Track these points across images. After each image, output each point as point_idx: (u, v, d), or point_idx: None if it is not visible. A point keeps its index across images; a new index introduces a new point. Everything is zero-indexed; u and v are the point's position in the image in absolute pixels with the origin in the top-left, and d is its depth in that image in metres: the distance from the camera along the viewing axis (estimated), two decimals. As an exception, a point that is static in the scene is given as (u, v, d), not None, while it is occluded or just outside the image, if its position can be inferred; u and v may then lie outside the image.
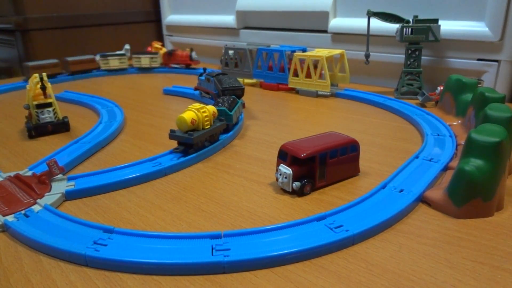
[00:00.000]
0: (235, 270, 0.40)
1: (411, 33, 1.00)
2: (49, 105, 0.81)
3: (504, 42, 0.96)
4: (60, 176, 0.58)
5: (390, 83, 1.17)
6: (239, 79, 0.98)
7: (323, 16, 1.26)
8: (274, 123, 0.87)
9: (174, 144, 0.69)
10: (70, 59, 1.36)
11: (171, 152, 0.67)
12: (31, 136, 0.80)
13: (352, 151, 0.58)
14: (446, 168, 0.60)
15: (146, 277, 0.40)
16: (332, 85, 1.08)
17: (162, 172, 0.62)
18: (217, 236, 0.44)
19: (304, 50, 1.21)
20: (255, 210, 0.51)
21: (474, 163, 0.47)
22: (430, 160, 0.62)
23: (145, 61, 1.44)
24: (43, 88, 0.79)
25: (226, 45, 1.32)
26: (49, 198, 0.53)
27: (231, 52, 1.28)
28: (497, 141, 0.46)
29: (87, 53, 1.65)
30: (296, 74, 1.10)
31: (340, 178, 0.58)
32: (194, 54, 1.45)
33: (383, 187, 0.54)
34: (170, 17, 1.82)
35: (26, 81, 1.22)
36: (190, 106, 0.68)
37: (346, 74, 1.11)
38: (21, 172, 0.60)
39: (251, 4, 1.46)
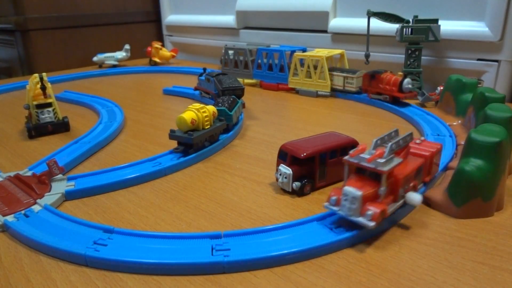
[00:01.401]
0: (235, 270, 0.40)
1: (411, 33, 1.00)
2: (49, 105, 0.81)
3: (504, 42, 0.96)
4: (60, 176, 0.58)
5: (390, 83, 1.17)
6: (239, 79, 0.98)
7: (323, 16, 1.26)
8: (274, 123, 0.87)
9: (174, 144, 0.69)
10: None
11: (171, 152, 0.67)
12: (31, 136, 0.80)
13: (352, 151, 0.58)
14: (446, 168, 0.60)
15: (146, 277, 0.40)
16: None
17: (162, 172, 0.62)
18: (217, 236, 0.44)
19: (304, 50, 1.21)
20: (255, 210, 0.51)
21: (474, 163, 0.47)
22: (430, 160, 0.62)
23: (339, 80, 1.05)
24: (43, 88, 0.80)
25: (226, 45, 1.32)
26: (49, 198, 0.53)
27: (231, 52, 1.28)
28: (497, 141, 0.46)
29: (87, 53, 1.66)
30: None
31: (340, 178, 0.58)
32: (407, 82, 0.91)
33: (383, 187, 0.54)
34: (170, 17, 1.82)
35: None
36: (190, 106, 0.68)
37: (346, 74, 1.10)
38: (21, 172, 0.60)
39: (251, 4, 1.46)
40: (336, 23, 1.24)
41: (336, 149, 0.56)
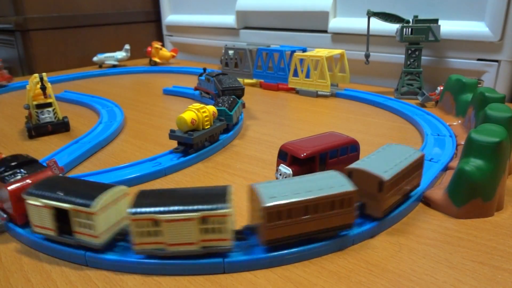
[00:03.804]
0: (235, 270, 0.40)
1: (411, 33, 1.00)
2: (49, 105, 0.81)
3: (504, 42, 0.96)
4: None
5: (390, 83, 1.17)
6: (239, 79, 0.98)
7: (323, 16, 1.26)
8: (274, 123, 0.87)
9: (174, 144, 0.69)
10: None
11: (171, 152, 0.67)
12: (31, 136, 0.80)
13: (352, 151, 0.58)
14: (446, 168, 0.60)
15: (146, 277, 0.40)
16: (332, 85, 1.08)
17: (162, 172, 0.62)
18: (217, 236, 0.44)
19: (304, 50, 1.21)
20: (255, 210, 0.51)
21: (474, 163, 0.47)
22: (430, 160, 0.62)
23: None
24: (43, 88, 0.79)
25: (226, 45, 1.32)
26: (49, 198, 0.53)
27: (231, 52, 1.28)
28: (497, 141, 0.46)
29: (87, 53, 1.66)
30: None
31: (340, 178, 0.58)
32: None
33: (383, 187, 0.54)
34: (170, 17, 1.82)
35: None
36: (190, 106, 0.68)
37: (346, 74, 1.11)
38: (21, 172, 0.60)
39: (251, 4, 1.46)
40: (336, 23, 1.24)
41: (336, 149, 0.56)
